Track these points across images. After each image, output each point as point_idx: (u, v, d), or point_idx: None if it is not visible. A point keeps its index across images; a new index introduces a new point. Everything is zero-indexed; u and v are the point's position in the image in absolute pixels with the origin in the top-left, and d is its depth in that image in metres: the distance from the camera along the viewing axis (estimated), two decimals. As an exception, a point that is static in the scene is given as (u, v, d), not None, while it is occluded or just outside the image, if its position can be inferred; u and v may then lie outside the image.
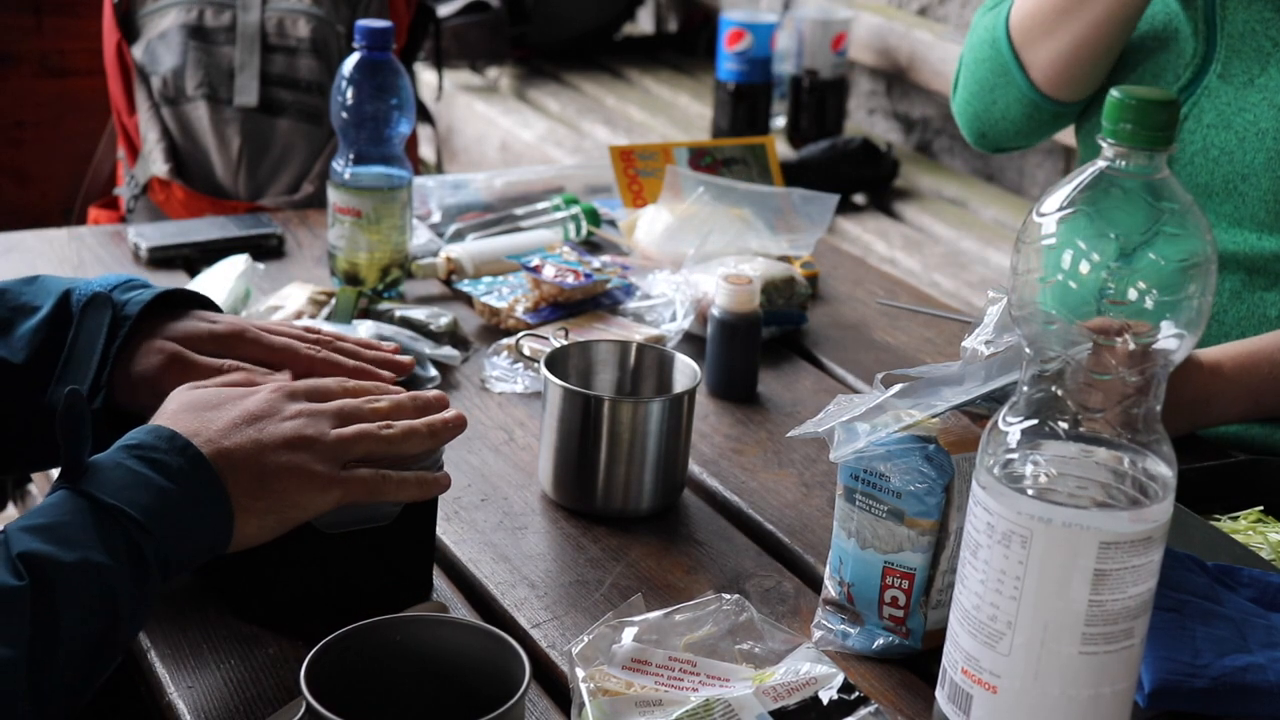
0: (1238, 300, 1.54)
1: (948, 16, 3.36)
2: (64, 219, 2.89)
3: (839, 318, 1.74)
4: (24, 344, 1.14)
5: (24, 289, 1.18)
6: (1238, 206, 1.51)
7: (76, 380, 1.14)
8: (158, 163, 2.46)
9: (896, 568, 1.10)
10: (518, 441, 1.41)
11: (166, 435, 1.02)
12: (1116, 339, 0.88)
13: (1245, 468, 1.34)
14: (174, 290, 1.21)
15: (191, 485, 1.00)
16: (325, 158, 2.46)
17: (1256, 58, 1.52)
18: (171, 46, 2.45)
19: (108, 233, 1.88)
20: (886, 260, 2.78)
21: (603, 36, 3.93)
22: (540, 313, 1.61)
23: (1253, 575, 1.13)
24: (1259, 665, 1.05)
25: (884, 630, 1.12)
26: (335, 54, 2.45)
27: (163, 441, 1.01)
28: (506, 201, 1.93)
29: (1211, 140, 1.52)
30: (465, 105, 3.66)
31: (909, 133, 3.49)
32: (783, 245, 1.76)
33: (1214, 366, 1.40)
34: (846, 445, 1.08)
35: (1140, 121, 0.88)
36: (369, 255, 1.65)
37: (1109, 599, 0.90)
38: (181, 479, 1.00)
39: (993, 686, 0.94)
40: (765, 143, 1.98)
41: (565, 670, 1.05)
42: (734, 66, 3.23)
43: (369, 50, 1.62)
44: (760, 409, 1.51)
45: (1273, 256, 1.51)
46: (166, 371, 1.15)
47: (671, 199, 1.77)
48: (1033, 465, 0.92)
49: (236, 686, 1.05)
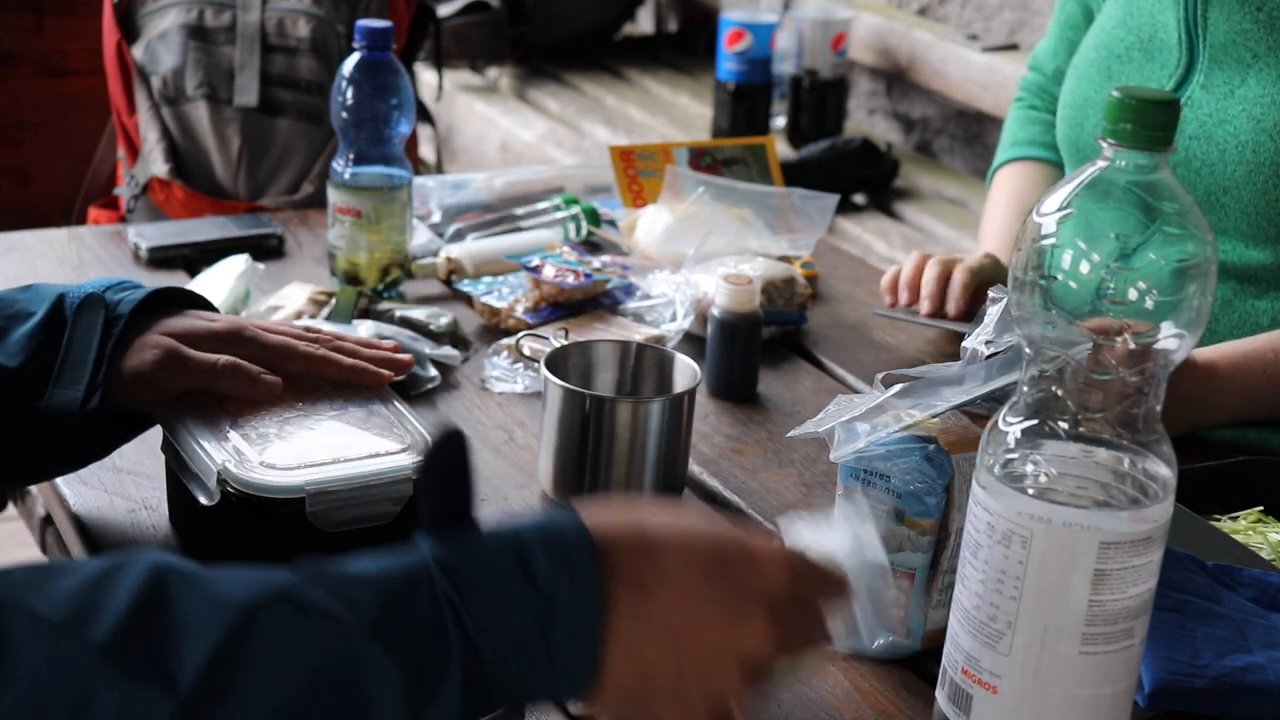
0: (1229, 309, 1.54)
1: (948, 16, 3.36)
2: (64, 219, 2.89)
3: (839, 318, 1.74)
4: (19, 348, 1.14)
5: (18, 296, 1.18)
6: (1220, 218, 1.51)
7: (74, 381, 1.14)
8: (158, 163, 2.46)
9: (896, 567, 1.09)
10: (518, 441, 1.41)
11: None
12: (1116, 339, 0.88)
13: (1245, 468, 1.34)
14: (168, 289, 1.21)
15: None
16: (325, 158, 2.46)
17: (1237, 69, 1.51)
18: (171, 46, 2.45)
19: (108, 233, 1.88)
20: (886, 260, 2.77)
21: (603, 36, 3.93)
22: (540, 313, 1.61)
23: (1253, 575, 1.13)
24: (1259, 665, 1.05)
25: (884, 630, 1.11)
26: (335, 54, 2.45)
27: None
28: (506, 201, 1.93)
29: (1193, 152, 1.52)
30: (465, 105, 3.66)
31: (909, 133, 3.49)
32: (783, 245, 1.76)
33: (1209, 366, 1.40)
34: (846, 445, 1.08)
35: (1140, 122, 0.88)
36: (369, 255, 1.65)
37: (1109, 599, 0.90)
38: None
39: (993, 687, 0.94)
40: (765, 143, 1.98)
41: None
42: (734, 66, 3.23)
43: (369, 50, 1.62)
44: (760, 409, 1.51)
45: (1260, 266, 1.51)
46: (162, 367, 1.15)
47: (671, 199, 1.77)
48: (1033, 465, 0.92)
49: (236, 686, 1.05)
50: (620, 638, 0.81)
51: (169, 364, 1.16)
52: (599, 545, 0.81)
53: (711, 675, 0.83)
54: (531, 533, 0.81)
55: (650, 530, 0.83)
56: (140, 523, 1.24)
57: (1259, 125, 1.48)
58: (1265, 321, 1.52)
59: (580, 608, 0.79)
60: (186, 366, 1.16)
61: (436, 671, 0.77)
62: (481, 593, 0.78)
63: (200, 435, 1.13)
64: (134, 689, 0.72)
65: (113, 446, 1.22)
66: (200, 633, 0.74)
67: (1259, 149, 1.48)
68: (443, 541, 0.80)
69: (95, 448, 1.21)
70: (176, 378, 1.16)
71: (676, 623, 0.82)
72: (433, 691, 0.77)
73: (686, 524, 0.85)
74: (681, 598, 0.82)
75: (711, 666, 0.83)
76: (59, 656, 0.72)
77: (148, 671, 0.73)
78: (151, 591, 0.75)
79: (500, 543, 0.80)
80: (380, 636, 0.76)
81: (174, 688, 0.73)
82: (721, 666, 0.83)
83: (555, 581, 0.79)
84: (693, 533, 0.84)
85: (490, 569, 0.79)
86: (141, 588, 0.75)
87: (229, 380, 1.17)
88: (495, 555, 0.79)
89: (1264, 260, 1.51)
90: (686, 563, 0.83)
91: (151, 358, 1.16)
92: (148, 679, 0.73)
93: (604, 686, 0.81)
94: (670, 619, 0.81)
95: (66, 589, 0.75)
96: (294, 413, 1.18)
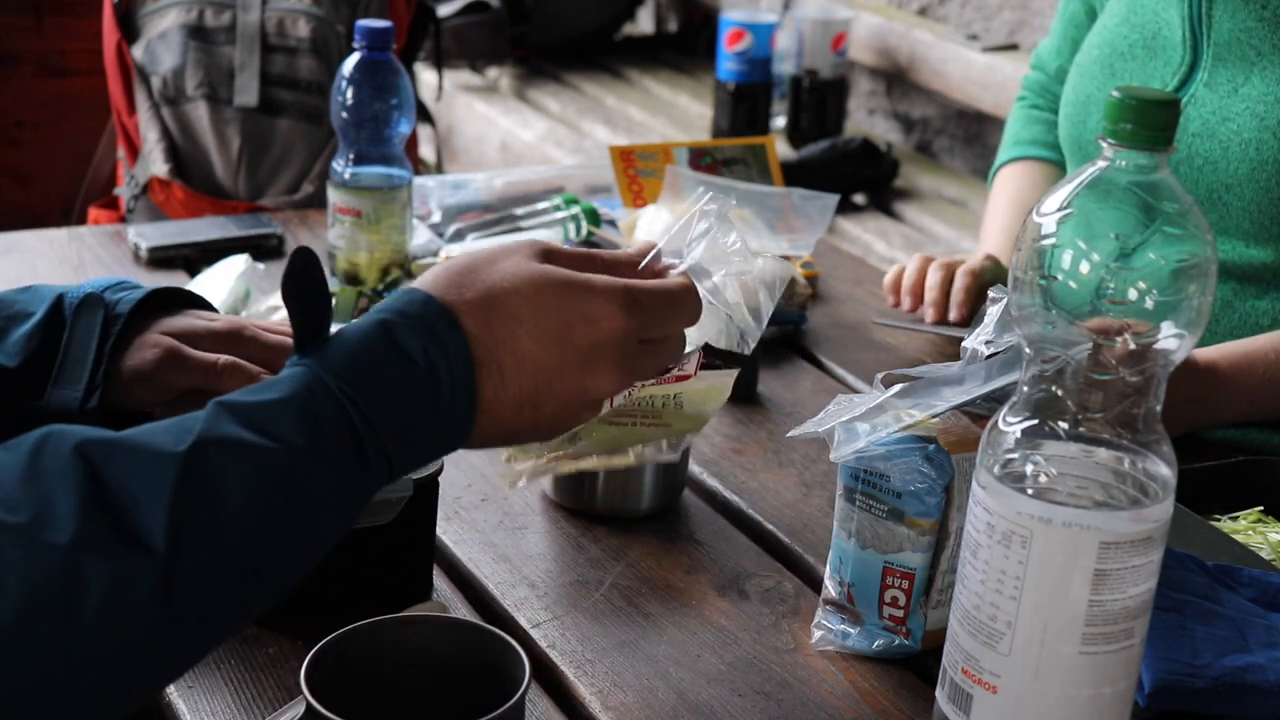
0: (1229, 310, 1.54)
1: (948, 16, 3.36)
2: (64, 219, 2.89)
3: (839, 318, 1.74)
4: (18, 349, 1.14)
5: (17, 297, 1.18)
6: (1222, 216, 1.51)
7: (73, 381, 1.14)
8: (158, 163, 2.46)
9: (896, 568, 1.10)
10: (518, 441, 1.41)
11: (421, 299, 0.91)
12: (1116, 339, 0.88)
13: (1245, 468, 1.34)
14: (166, 289, 1.21)
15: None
16: (325, 158, 2.46)
17: (1241, 66, 1.52)
18: (171, 46, 2.45)
19: (108, 233, 1.88)
20: (886, 260, 2.78)
21: (603, 36, 3.93)
22: (540, 313, 1.61)
23: (1253, 575, 1.13)
24: (1259, 665, 1.05)
25: (884, 630, 1.12)
26: (335, 54, 2.45)
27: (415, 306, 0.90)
28: (506, 201, 1.93)
29: (1196, 149, 1.52)
30: (465, 105, 3.66)
31: (909, 133, 3.49)
32: (783, 245, 1.76)
33: (1209, 367, 1.40)
34: (846, 445, 1.08)
35: (1140, 121, 0.88)
36: (369, 255, 1.65)
37: (1109, 599, 0.90)
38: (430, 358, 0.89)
39: (993, 686, 0.94)
40: (765, 143, 1.98)
41: (565, 670, 1.05)
42: (734, 66, 3.23)
43: (369, 50, 1.62)
44: (760, 409, 1.51)
45: (1261, 265, 1.51)
46: (161, 366, 1.15)
47: (671, 199, 1.77)
48: (1033, 465, 0.92)
49: (236, 686, 1.05)
50: (490, 384, 0.91)
51: (168, 363, 1.15)
52: (452, 308, 0.90)
53: (573, 416, 0.96)
54: (394, 316, 0.89)
55: (496, 289, 0.92)
56: (140, 523, 1.24)
57: (1262, 123, 1.48)
58: (1265, 322, 1.52)
59: (455, 369, 0.89)
60: (186, 366, 1.16)
61: (356, 458, 0.86)
62: (370, 381, 0.87)
63: (200, 435, 1.13)
64: (115, 564, 0.78)
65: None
66: (152, 491, 0.80)
67: (1262, 146, 1.48)
68: (320, 352, 0.88)
69: None
70: (176, 377, 1.16)
71: (531, 382, 0.92)
72: (360, 476, 0.86)
73: (524, 274, 0.93)
74: (533, 355, 0.92)
75: (571, 412, 0.95)
76: (36, 556, 0.77)
77: (120, 543, 0.78)
78: (88, 471, 0.80)
79: (367, 333, 0.88)
80: (306, 448, 0.84)
81: (150, 547, 0.78)
82: (580, 411, 0.96)
83: (428, 352, 0.88)
84: (534, 284, 0.93)
85: (371, 360, 0.87)
86: (76, 469, 0.80)
87: (229, 380, 1.17)
88: (370, 347, 0.88)
89: (1265, 259, 1.51)
90: (535, 313, 0.92)
91: (151, 357, 1.16)
92: (124, 549, 0.78)
93: (483, 431, 0.92)
94: (526, 374, 0.92)
95: (8, 486, 0.79)
96: (294, 412, 1.18)
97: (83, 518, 0.78)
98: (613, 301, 0.94)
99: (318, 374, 0.86)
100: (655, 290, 0.96)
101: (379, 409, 0.87)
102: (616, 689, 1.08)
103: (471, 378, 0.90)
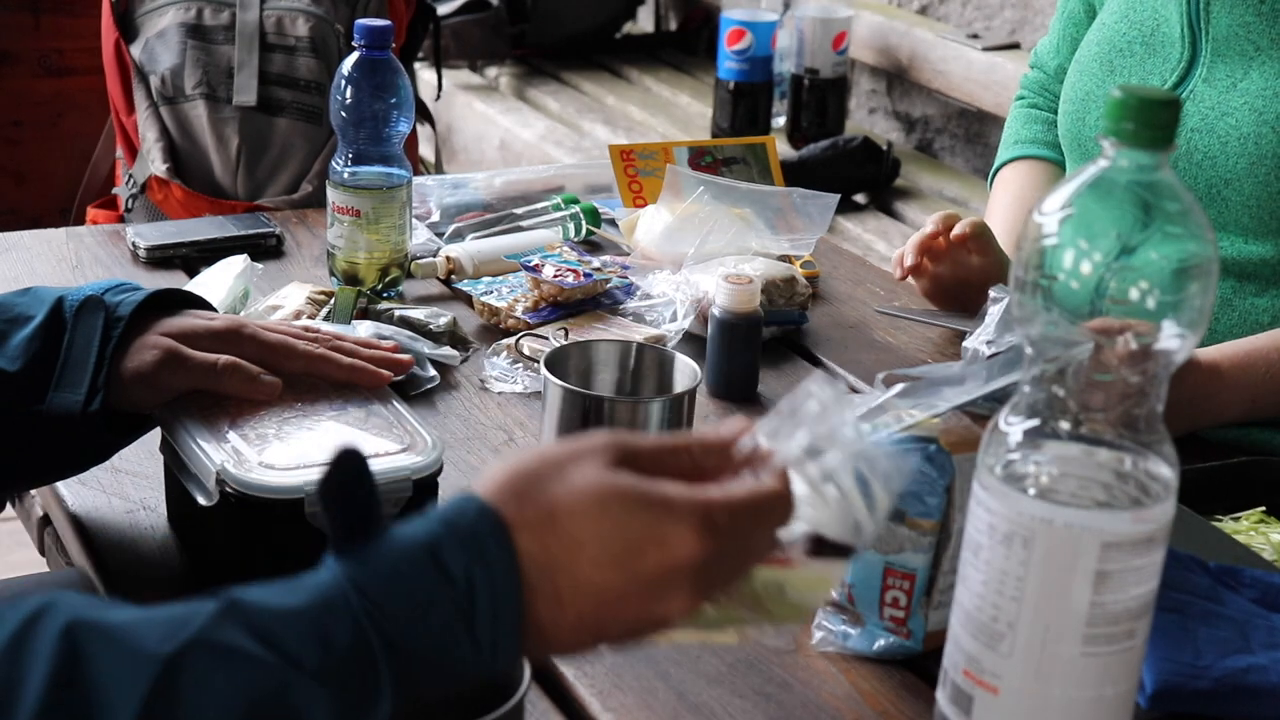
0: (1229, 308, 1.54)
1: (948, 16, 3.35)
2: (62, 218, 2.89)
3: (839, 318, 1.74)
4: (19, 352, 1.14)
5: (17, 300, 1.18)
6: (1221, 212, 1.51)
7: (74, 385, 1.13)
8: (156, 162, 2.45)
9: (897, 568, 1.09)
10: (517, 442, 1.40)
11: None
12: (1118, 339, 0.88)
13: (1247, 468, 1.34)
14: (167, 290, 1.21)
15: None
16: (324, 157, 2.46)
17: (1240, 61, 1.52)
18: (170, 45, 2.45)
19: (106, 232, 1.87)
20: (887, 260, 2.77)
21: (602, 36, 3.93)
22: (540, 313, 1.61)
23: (1255, 576, 1.13)
24: (1261, 666, 1.05)
25: (885, 631, 1.11)
26: (334, 53, 2.45)
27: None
28: (506, 201, 1.93)
29: (1195, 144, 1.52)
30: (465, 104, 3.66)
31: (910, 132, 3.49)
32: (783, 245, 1.76)
33: (1211, 366, 1.40)
34: (847, 445, 1.07)
35: (1141, 121, 0.88)
36: (368, 255, 1.65)
37: (1111, 600, 0.90)
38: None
39: (994, 688, 0.93)
40: (766, 142, 1.97)
41: (565, 670, 1.05)
42: (734, 65, 3.22)
43: (368, 49, 1.61)
44: (760, 409, 1.50)
45: (1260, 262, 1.51)
46: (161, 368, 1.15)
47: (671, 199, 1.77)
48: (1034, 465, 0.92)
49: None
50: (545, 607, 0.81)
51: (168, 364, 1.15)
52: (508, 525, 0.81)
53: (641, 637, 0.85)
54: (440, 527, 0.81)
55: (560, 507, 0.83)
56: (138, 523, 1.24)
57: (1261, 118, 1.48)
58: (1265, 320, 1.52)
59: (498, 593, 0.80)
60: (186, 366, 1.16)
61: (367, 686, 0.77)
62: (399, 601, 0.78)
63: (199, 435, 1.13)
64: None
65: (112, 450, 1.22)
66: (123, 694, 0.73)
67: (1261, 141, 1.48)
68: (353, 558, 0.79)
69: (95, 451, 1.21)
70: (176, 377, 1.16)
71: (591, 608, 0.82)
72: (367, 704, 0.77)
73: (592, 489, 0.83)
74: (594, 581, 0.82)
75: (639, 634, 0.85)
76: None
77: None
78: (67, 657, 0.74)
79: (410, 545, 0.80)
80: (306, 668, 0.75)
81: None
82: (648, 633, 0.85)
83: (470, 571, 0.79)
84: (601, 502, 0.83)
85: (404, 576, 0.79)
86: (58, 654, 0.74)
87: (228, 380, 1.17)
88: (407, 560, 0.79)
89: (1264, 255, 1.50)
90: (598, 536, 0.82)
91: (151, 358, 1.15)
92: None
93: (542, 651, 0.84)
94: (585, 598, 0.82)
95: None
96: (293, 413, 1.17)
97: (46, 705, 0.72)
98: (688, 524, 0.82)
99: (343, 586, 0.78)
100: (739, 505, 0.84)
101: (403, 631, 0.78)
102: (616, 689, 1.07)
103: (517, 602, 0.80)
